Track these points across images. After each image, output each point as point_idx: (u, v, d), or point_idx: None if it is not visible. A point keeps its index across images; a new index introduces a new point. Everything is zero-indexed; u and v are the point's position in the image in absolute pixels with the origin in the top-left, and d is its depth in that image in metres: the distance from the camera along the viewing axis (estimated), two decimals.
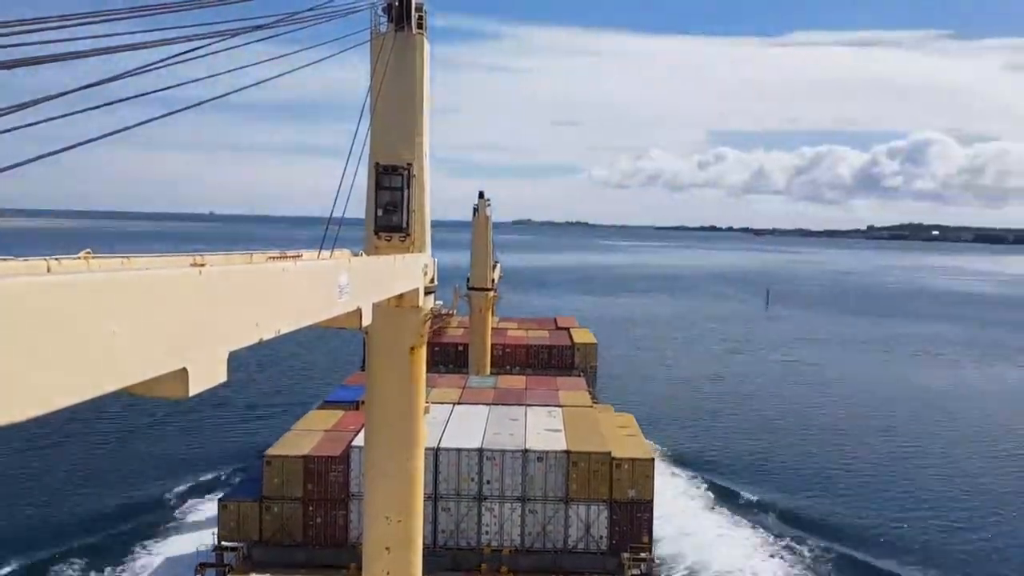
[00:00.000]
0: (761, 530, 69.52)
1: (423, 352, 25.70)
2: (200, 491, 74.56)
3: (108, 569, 60.71)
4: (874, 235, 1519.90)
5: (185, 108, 12.36)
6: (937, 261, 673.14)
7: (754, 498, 77.05)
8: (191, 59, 11.57)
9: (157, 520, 68.99)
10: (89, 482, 78.02)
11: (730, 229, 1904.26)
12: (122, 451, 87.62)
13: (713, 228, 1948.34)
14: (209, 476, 78.42)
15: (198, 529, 64.44)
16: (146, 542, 64.71)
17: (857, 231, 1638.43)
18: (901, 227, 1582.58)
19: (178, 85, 12.11)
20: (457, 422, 51.37)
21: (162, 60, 10.80)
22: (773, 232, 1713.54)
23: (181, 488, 75.82)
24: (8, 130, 8.13)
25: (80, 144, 9.53)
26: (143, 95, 11.09)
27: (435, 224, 25.70)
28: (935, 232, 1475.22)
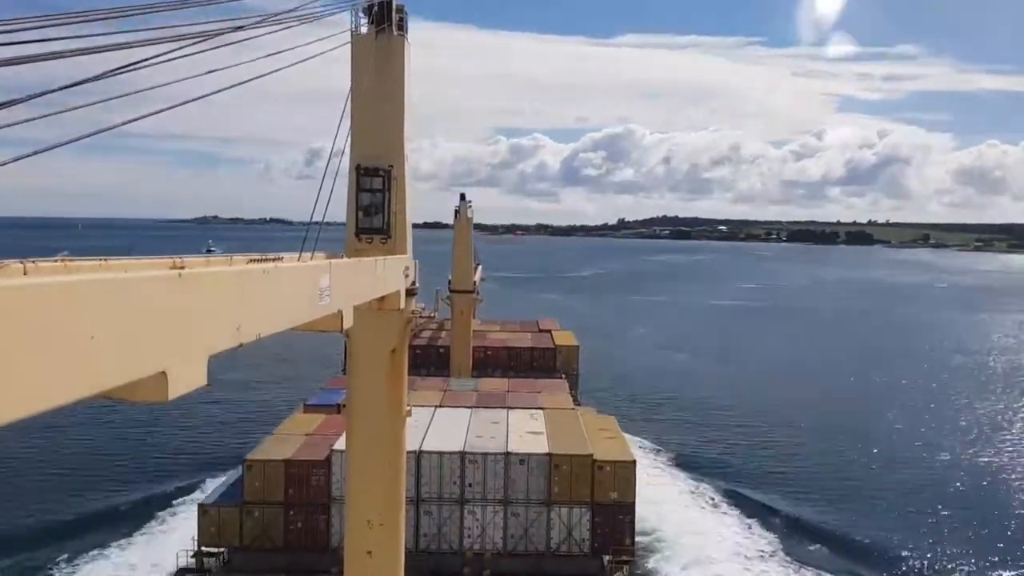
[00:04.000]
0: (746, 529, 69.80)
1: (404, 355, 25.64)
2: (180, 496, 73.90)
3: None
4: (644, 233, 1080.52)
5: (163, 109, 12.24)
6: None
7: (737, 497, 77.35)
8: (169, 60, 11.47)
9: (136, 526, 68.34)
10: (66, 487, 77.18)
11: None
12: (100, 456, 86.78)
13: (438, 224, 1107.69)
14: (189, 481, 77.73)
15: (178, 535, 63.92)
16: (125, 548, 64.08)
17: (606, 225, 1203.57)
18: (659, 220, 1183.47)
19: (156, 87, 12.01)
20: (439, 425, 51.29)
21: (140, 61, 10.70)
22: (515, 229, 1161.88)
23: (160, 493, 75.16)
24: None
25: (62, 144, 9.43)
26: (121, 96, 10.99)
27: None
28: (723, 228, 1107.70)
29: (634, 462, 47.77)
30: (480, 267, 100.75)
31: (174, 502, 72.84)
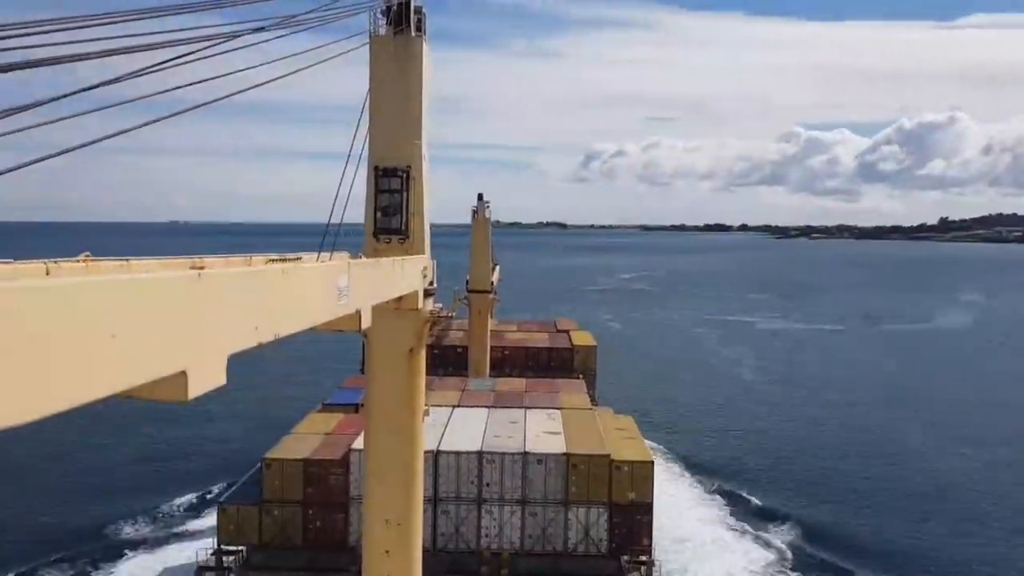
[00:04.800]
0: (762, 535, 69.47)
1: (422, 355, 25.66)
2: (199, 495, 74.50)
3: (107, 574, 60.63)
4: (983, 236, 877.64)
5: (180, 112, 12.33)
6: None
7: (756, 502, 77.00)
8: (188, 62, 11.54)
9: (156, 524, 68.97)
10: (88, 486, 77.93)
11: (744, 227, 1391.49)
12: (121, 455, 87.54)
13: (720, 226, 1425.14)
14: (208, 479, 78.32)
15: (197, 533, 64.43)
16: (145, 546, 64.67)
17: (924, 226, 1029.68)
18: (997, 218, 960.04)
19: (172, 89, 12.08)
20: (456, 425, 51.35)
21: (159, 63, 10.77)
22: (811, 232, 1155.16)
23: (180, 492, 75.77)
24: (4, 133, 8.10)
25: (77, 147, 9.51)
26: (140, 99, 11.08)
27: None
28: None
29: (652, 462, 47.59)
30: (498, 267, 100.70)
31: (193, 501, 73.38)
